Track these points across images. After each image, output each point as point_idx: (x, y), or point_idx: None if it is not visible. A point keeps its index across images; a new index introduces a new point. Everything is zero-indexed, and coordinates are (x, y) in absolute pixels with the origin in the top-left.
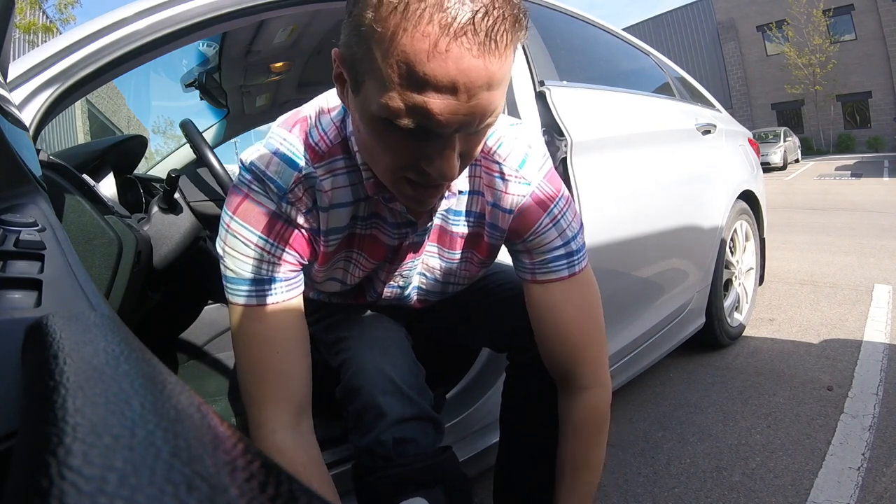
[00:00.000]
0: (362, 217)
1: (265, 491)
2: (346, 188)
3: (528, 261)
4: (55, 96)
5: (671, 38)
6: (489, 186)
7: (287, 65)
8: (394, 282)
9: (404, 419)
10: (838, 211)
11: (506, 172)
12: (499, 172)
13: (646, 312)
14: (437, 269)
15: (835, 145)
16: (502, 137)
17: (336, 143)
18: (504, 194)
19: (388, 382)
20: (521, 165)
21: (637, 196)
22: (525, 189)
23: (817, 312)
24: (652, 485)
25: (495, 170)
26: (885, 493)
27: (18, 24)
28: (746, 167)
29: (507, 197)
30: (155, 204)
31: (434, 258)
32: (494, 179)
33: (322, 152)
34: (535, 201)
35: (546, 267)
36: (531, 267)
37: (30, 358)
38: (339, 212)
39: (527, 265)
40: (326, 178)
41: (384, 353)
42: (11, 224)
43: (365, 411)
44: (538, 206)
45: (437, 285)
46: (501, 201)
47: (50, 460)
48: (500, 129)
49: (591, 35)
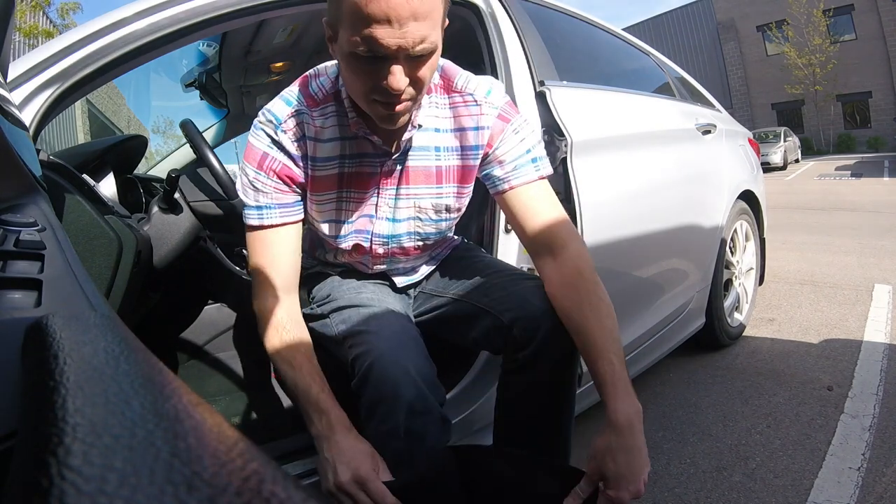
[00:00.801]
0: (349, 156)
1: (265, 491)
2: (333, 127)
3: (501, 171)
4: (55, 96)
5: (671, 38)
6: (466, 115)
7: (287, 65)
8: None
9: (418, 411)
10: (838, 211)
11: (477, 99)
12: (473, 101)
13: (646, 312)
14: (427, 207)
15: (835, 145)
16: (468, 78)
17: (330, 93)
18: (479, 116)
19: (404, 374)
20: (489, 94)
21: (637, 196)
22: (494, 110)
23: (817, 312)
24: (652, 485)
25: (469, 100)
26: (885, 493)
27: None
28: (746, 167)
29: (480, 118)
30: (155, 204)
31: (424, 199)
32: (469, 107)
33: (319, 99)
34: (500, 118)
35: (516, 172)
36: (505, 176)
37: (30, 358)
38: (326, 144)
39: (500, 176)
40: (318, 118)
41: (402, 346)
42: (11, 224)
43: (381, 401)
44: (502, 121)
45: (431, 223)
46: (478, 122)
47: (50, 460)
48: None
49: (591, 35)
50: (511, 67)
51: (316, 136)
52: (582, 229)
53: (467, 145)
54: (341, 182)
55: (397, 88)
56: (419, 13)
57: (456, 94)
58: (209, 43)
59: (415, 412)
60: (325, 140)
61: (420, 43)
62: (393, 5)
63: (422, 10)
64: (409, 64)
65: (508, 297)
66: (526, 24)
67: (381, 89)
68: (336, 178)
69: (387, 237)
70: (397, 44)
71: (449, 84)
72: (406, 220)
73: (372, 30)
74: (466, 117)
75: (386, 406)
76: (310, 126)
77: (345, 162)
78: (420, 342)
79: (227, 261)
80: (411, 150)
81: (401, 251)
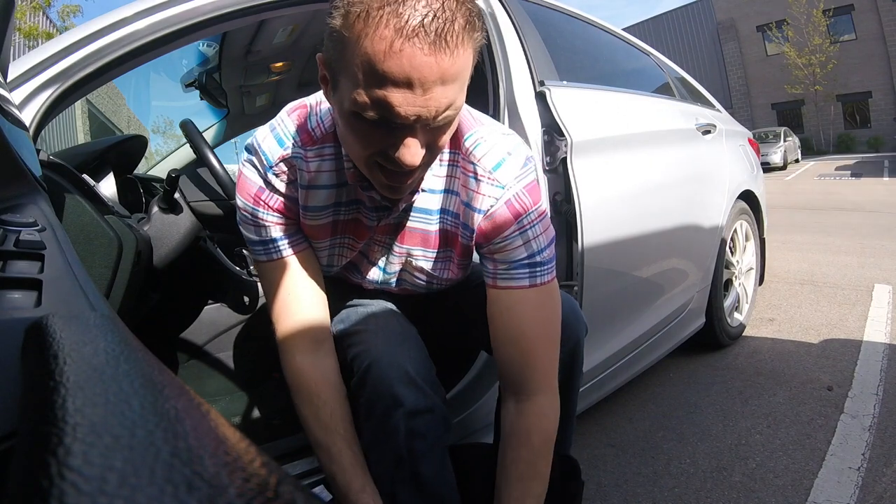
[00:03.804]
0: (345, 203)
1: (265, 491)
2: (329, 172)
3: (492, 266)
4: (55, 96)
5: (671, 38)
6: (464, 186)
7: (287, 65)
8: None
9: (418, 411)
10: (838, 211)
11: (479, 172)
12: (473, 172)
13: (646, 312)
14: (422, 270)
15: (835, 145)
16: (481, 139)
17: (330, 131)
18: (476, 194)
19: (403, 374)
20: (496, 168)
21: (637, 196)
22: (497, 192)
23: (817, 312)
24: (652, 485)
25: (470, 170)
26: (885, 493)
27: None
28: (746, 167)
29: (478, 197)
30: (155, 204)
31: (420, 260)
32: (469, 179)
33: (316, 137)
34: (508, 208)
35: (507, 274)
36: (493, 272)
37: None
38: (319, 192)
39: (490, 270)
40: (314, 161)
41: (400, 345)
42: (11, 224)
43: (378, 400)
44: (510, 214)
45: (423, 286)
46: (473, 201)
47: (50, 460)
48: (482, 132)
49: (591, 35)
50: (511, 67)
51: (309, 183)
52: (582, 229)
53: (455, 215)
54: (335, 229)
55: (411, 164)
56: (448, 76)
57: (458, 153)
58: (209, 43)
59: (415, 412)
60: (320, 187)
61: (445, 111)
62: (418, 65)
63: (451, 72)
64: (426, 133)
65: None
66: (526, 24)
67: (389, 158)
68: (330, 226)
69: (378, 283)
70: (417, 113)
71: (458, 139)
72: (398, 271)
73: (387, 93)
74: (462, 188)
75: (385, 407)
76: (303, 173)
77: (340, 209)
78: (419, 341)
79: (227, 261)
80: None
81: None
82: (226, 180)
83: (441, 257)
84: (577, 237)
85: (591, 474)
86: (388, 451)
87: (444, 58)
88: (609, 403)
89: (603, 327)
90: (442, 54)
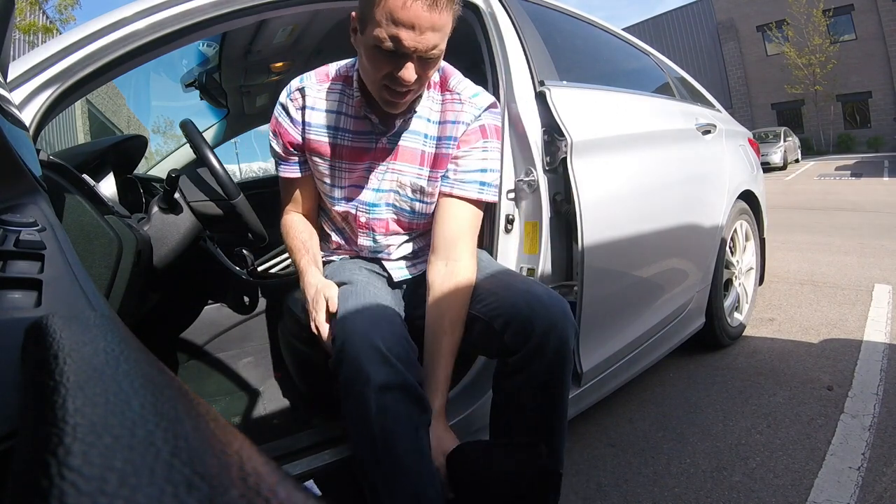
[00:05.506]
0: (343, 129)
1: (265, 491)
2: (334, 101)
3: (453, 175)
4: (55, 96)
5: (671, 38)
6: (451, 110)
7: (287, 65)
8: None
9: (388, 387)
10: (838, 211)
11: (462, 98)
12: (458, 100)
13: (646, 312)
14: (406, 185)
15: (835, 145)
16: (461, 81)
17: (342, 75)
18: (461, 112)
19: (374, 350)
20: (474, 96)
21: (637, 196)
22: (476, 111)
23: (817, 312)
24: (652, 485)
25: (456, 98)
26: (885, 493)
27: (18, 26)
28: (746, 167)
29: (462, 114)
30: (155, 204)
31: (406, 175)
32: (454, 104)
33: (331, 77)
34: (480, 129)
35: (463, 184)
36: (451, 181)
37: (30, 358)
38: (321, 113)
39: (450, 179)
40: (321, 90)
41: (373, 323)
42: (11, 224)
43: (353, 378)
44: (480, 134)
45: (407, 200)
46: (458, 117)
47: (50, 460)
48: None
49: (591, 35)
50: (511, 67)
51: (314, 105)
52: (582, 229)
53: (444, 136)
54: (334, 153)
55: (408, 80)
56: (436, 25)
57: (447, 93)
58: (209, 43)
59: (384, 387)
60: (322, 110)
61: (432, 49)
62: (419, 14)
63: (439, 23)
64: (419, 63)
65: (500, 304)
66: (526, 24)
67: (394, 79)
68: (329, 147)
69: (369, 205)
70: (415, 46)
71: (444, 83)
72: (388, 191)
73: (398, 31)
74: (450, 112)
75: (359, 384)
76: (310, 97)
77: (338, 134)
78: (397, 321)
79: (227, 261)
80: (405, 132)
81: (379, 223)
82: (226, 180)
83: (423, 175)
84: (577, 237)
85: (591, 474)
86: (365, 431)
87: (435, 14)
88: (609, 403)
89: (603, 327)
90: (434, 11)
